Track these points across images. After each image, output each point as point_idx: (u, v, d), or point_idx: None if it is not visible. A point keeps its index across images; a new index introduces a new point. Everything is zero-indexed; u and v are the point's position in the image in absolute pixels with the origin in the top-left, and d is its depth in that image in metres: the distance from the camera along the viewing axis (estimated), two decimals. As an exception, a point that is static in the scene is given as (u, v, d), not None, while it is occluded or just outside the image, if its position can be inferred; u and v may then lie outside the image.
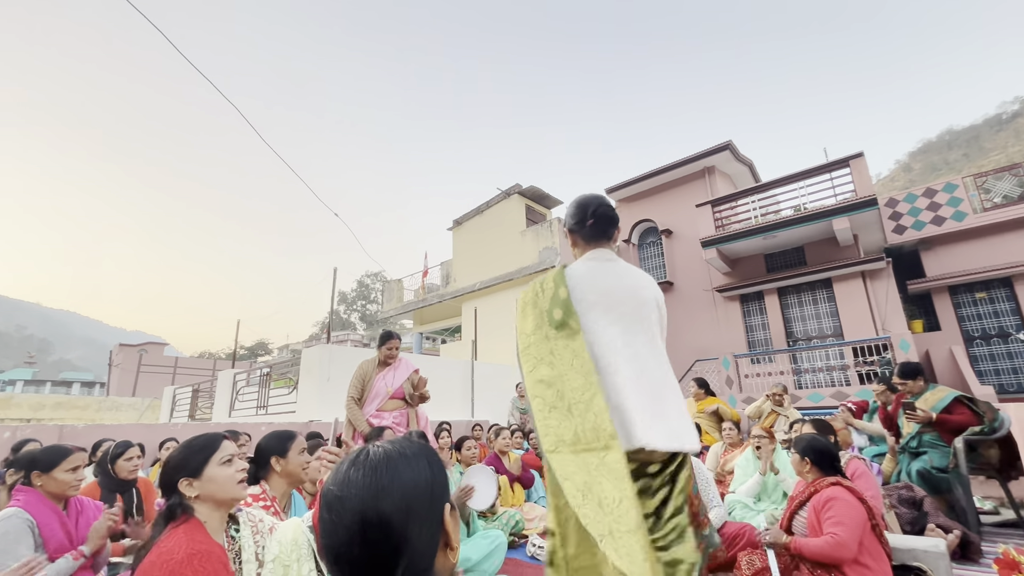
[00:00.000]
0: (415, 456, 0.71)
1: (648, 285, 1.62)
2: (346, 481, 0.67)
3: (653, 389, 1.45)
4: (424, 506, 0.67)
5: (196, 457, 1.34)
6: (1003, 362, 9.57)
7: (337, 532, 0.64)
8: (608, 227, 1.67)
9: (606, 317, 1.50)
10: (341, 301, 70.02)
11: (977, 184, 10.21)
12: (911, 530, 3.19)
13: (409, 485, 0.66)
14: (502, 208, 14.17)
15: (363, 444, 0.77)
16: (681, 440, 1.43)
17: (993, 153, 60.19)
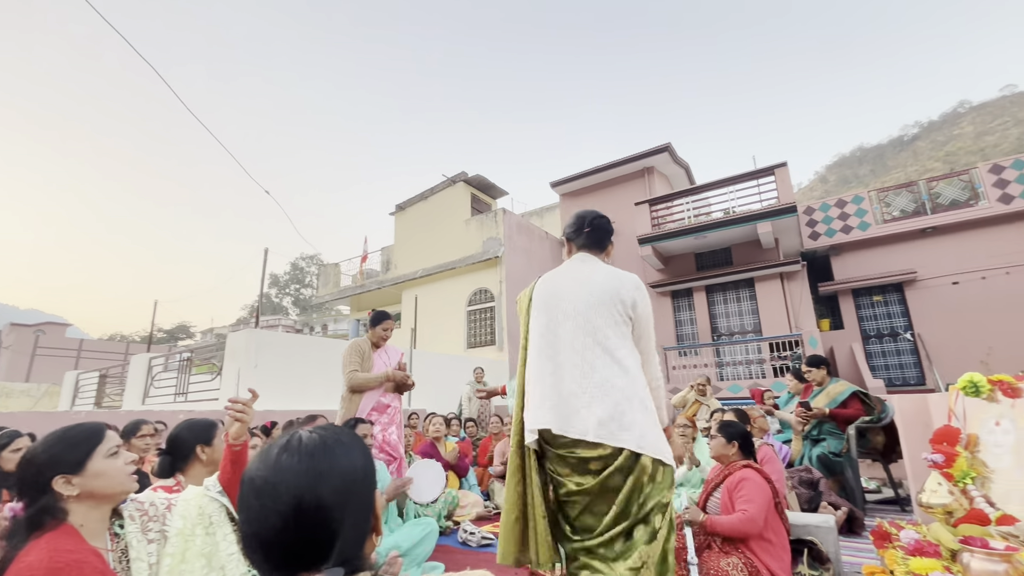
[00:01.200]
0: (350, 442, 0.71)
1: (616, 286, 1.61)
2: (279, 467, 0.65)
3: (559, 381, 1.51)
4: (360, 492, 0.67)
5: (77, 451, 1.18)
6: (892, 358, 10.75)
7: (268, 518, 0.62)
8: (601, 236, 1.78)
9: (547, 315, 1.62)
10: (273, 284, 66.47)
11: (880, 198, 11.30)
12: (808, 508, 3.53)
13: (347, 471, 0.66)
14: (447, 195, 14.00)
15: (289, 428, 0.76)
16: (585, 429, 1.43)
17: (895, 171, 66.76)
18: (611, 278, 1.62)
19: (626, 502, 1.40)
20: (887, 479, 4.76)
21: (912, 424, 3.85)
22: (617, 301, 1.57)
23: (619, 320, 1.56)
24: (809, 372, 4.71)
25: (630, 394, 1.47)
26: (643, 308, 1.61)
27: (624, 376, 1.49)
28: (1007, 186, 9.95)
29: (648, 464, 1.42)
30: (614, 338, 1.53)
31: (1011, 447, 1.59)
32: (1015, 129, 56.59)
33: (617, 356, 1.51)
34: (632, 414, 1.45)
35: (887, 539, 1.49)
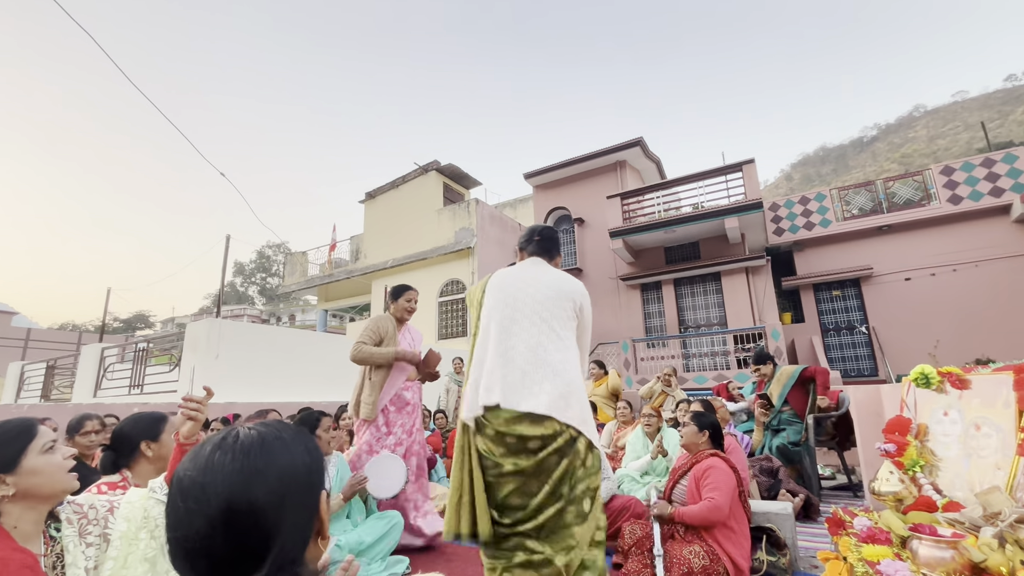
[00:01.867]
0: (293, 439, 0.66)
1: (567, 287, 1.76)
2: (209, 466, 0.60)
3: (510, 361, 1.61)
4: (301, 493, 0.63)
5: (8, 448, 1.11)
6: (848, 351, 11.21)
7: (193, 522, 0.57)
8: (550, 246, 1.95)
9: (502, 304, 1.73)
10: (238, 272, 64.47)
11: (840, 196, 11.71)
12: (767, 496, 3.64)
13: (286, 470, 0.62)
14: (419, 184, 13.78)
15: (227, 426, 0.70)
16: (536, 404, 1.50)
17: (855, 170, 69.46)
18: (562, 279, 1.79)
19: (558, 483, 1.46)
20: (841, 466, 4.97)
21: (865, 414, 4.01)
22: (567, 299, 1.71)
23: (569, 315, 1.70)
24: (757, 369, 4.94)
25: (575, 378, 1.59)
26: (587, 313, 1.79)
27: (571, 363, 1.62)
28: (956, 187, 10.45)
29: (582, 449, 1.51)
30: (564, 330, 1.66)
31: (958, 436, 1.65)
32: (965, 134, 59.57)
33: (567, 344, 1.64)
34: (577, 396, 1.56)
35: (841, 526, 1.53)
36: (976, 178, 10.32)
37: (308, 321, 44.66)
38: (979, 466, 1.53)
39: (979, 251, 10.22)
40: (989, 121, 43.48)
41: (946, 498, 1.52)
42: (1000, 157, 10.28)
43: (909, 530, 1.22)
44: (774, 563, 2.58)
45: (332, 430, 4.66)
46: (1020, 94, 65.04)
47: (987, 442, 1.55)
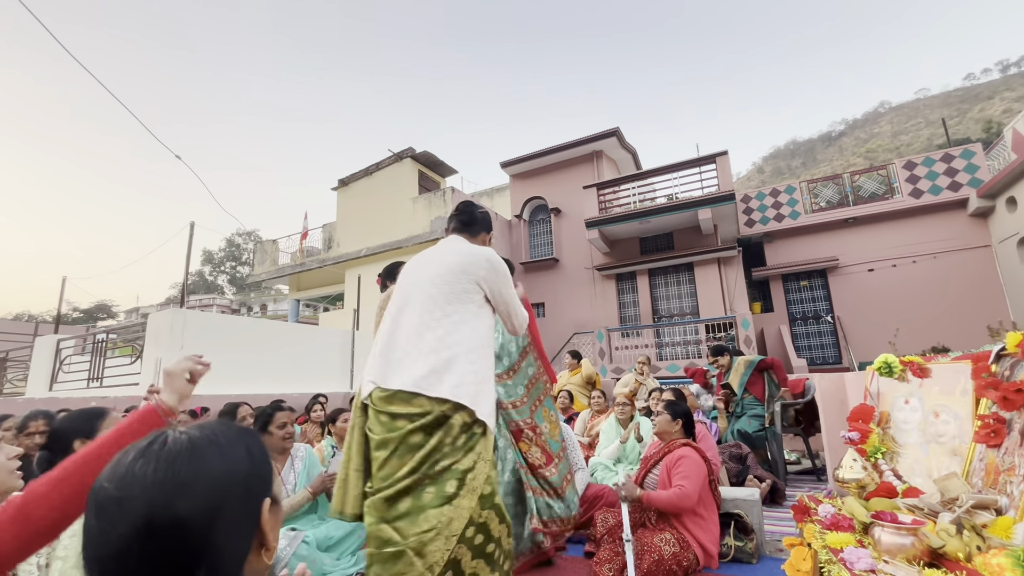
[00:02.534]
0: (230, 443, 0.60)
1: (466, 260, 1.72)
2: (129, 476, 0.53)
3: (394, 340, 1.62)
4: (237, 504, 0.56)
5: None
6: (814, 339, 11.57)
7: (109, 541, 0.51)
8: (468, 220, 1.95)
9: (396, 294, 1.76)
10: (207, 261, 62.53)
11: (809, 189, 11.99)
12: (736, 482, 3.73)
13: (219, 480, 0.55)
14: (393, 172, 13.52)
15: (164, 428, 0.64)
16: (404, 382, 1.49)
17: (823, 164, 71.38)
18: (463, 253, 1.74)
19: (422, 460, 1.42)
20: (806, 451, 5.13)
21: (830, 400, 4.14)
22: (462, 272, 1.68)
23: (464, 288, 1.66)
24: (715, 361, 5.07)
25: (457, 353, 1.54)
26: (495, 280, 1.72)
27: (456, 335, 1.57)
28: (918, 182, 10.82)
29: (456, 426, 1.46)
30: (455, 304, 1.63)
31: (917, 424, 1.69)
32: (926, 130, 61.78)
33: (454, 320, 1.60)
34: (457, 370, 1.51)
35: (806, 513, 1.56)
36: (936, 173, 10.70)
37: (280, 311, 43.73)
38: (937, 452, 1.58)
39: (937, 243, 10.63)
40: (949, 118, 45.19)
41: (906, 484, 1.56)
42: (958, 153, 10.67)
43: (871, 517, 1.25)
44: (741, 548, 2.64)
45: (300, 423, 4.55)
46: (978, 92, 67.74)
47: (945, 429, 1.60)
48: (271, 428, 2.70)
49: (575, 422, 5.03)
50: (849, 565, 1.11)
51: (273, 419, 2.71)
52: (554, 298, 13.00)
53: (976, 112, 56.98)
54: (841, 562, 1.14)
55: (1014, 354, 1.35)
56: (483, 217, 2.01)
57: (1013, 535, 1.11)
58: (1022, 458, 1.22)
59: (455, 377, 1.50)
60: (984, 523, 1.18)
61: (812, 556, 1.41)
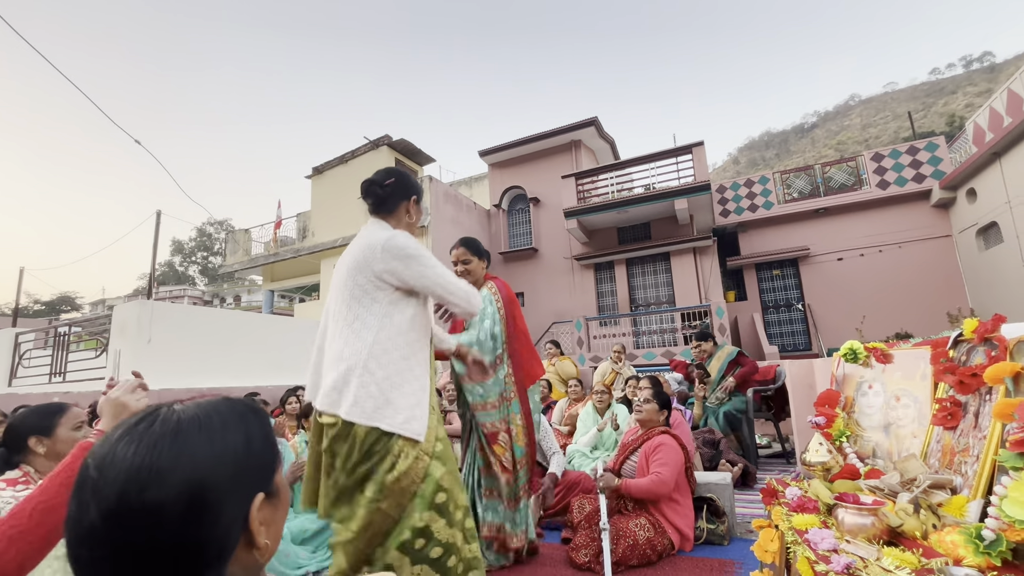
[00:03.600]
0: (225, 427, 0.54)
1: (366, 256, 1.57)
2: (109, 457, 0.49)
3: (322, 355, 1.61)
4: (220, 496, 0.51)
5: None
6: (786, 327, 11.89)
7: (81, 525, 0.47)
8: (375, 199, 1.75)
9: (331, 289, 1.69)
10: (177, 251, 60.65)
11: (782, 180, 12.23)
12: (709, 466, 3.82)
13: (202, 468, 0.50)
14: (369, 160, 13.27)
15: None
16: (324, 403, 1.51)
17: (796, 155, 72.88)
18: (363, 245, 1.60)
19: (341, 468, 1.45)
20: (777, 435, 5.28)
21: (799, 386, 4.27)
22: (366, 270, 1.55)
23: (368, 287, 1.55)
24: (698, 347, 5.17)
25: (355, 363, 1.48)
26: (400, 269, 1.56)
27: (355, 344, 1.50)
28: (885, 173, 11.13)
29: (361, 433, 1.43)
30: (357, 308, 1.54)
31: (880, 408, 1.75)
32: (894, 123, 63.54)
33: (356, 328, 1.52)
34: (353, 382, 1.46)
35: (774, 496, 1.60)
36: (902, 165, 11.03)
37: (255, 302, 42.79)
38: (898, 435, 1.63)
39: (902, 233, 10.99)
40: (915, 112, 46.53)
41: (869, 465, 1.61)
42: (923, 146, 11.01)
43: (835, 499, 1.28)
44: (713, 530, 2.71)
45: (274, 416, 4.48)
46: (942, 87, 69.88)
47: (905, 412, 1.65)
48: None
49: (553, 411, 5.07)
50: (813, 546, 1.14)
51: (285, 403, 2.68)
52: (533, 288, 13.03)
53: (940, 106, 58.83)
54: (806, 543, 1.17)
55: (970, 340, 1.40)
56: (395, 187, 1.75)
57: (966, 513, 1.16)
58: (976, 440, 1.27)
59: (351, 394, 1.45)
60: (940, 502, 1.23)
61: (779, 537, 1.45)
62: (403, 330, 1.56)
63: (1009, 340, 1.23)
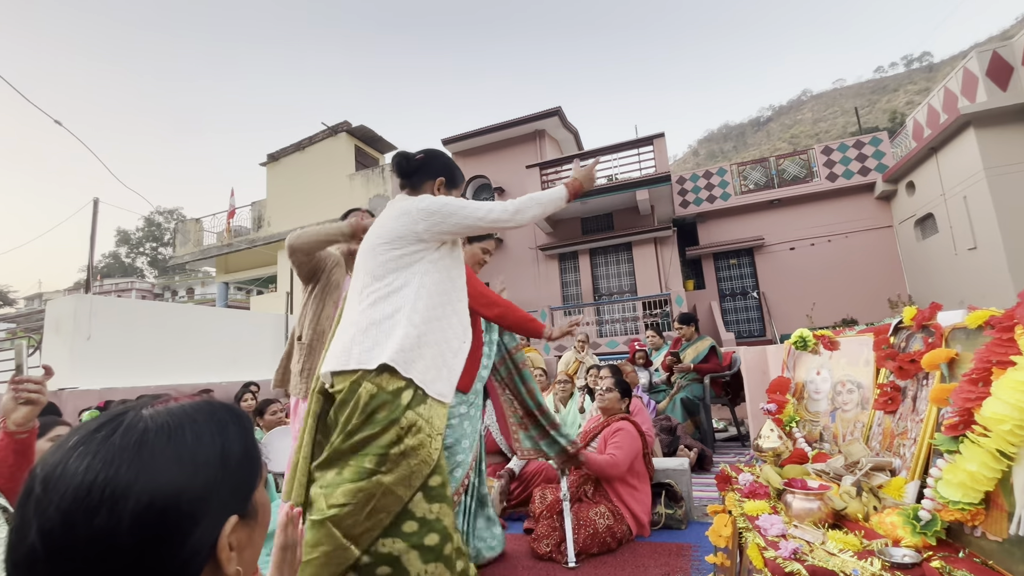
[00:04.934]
0: (199, 441, 0.47)
1: (396, 223, 1.53)
2: (58, 470, 0.42)
3: (342, 329, 1.51)
4: (187, 521, 0.44)
5: None
6: (742, 314, 12.32)
7: (18, 546, 0.41)
8: (402, 173, 1.73)
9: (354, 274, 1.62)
10: (122, 242, 57.34)
11: (739, 171, 12.60)
12: (668, 452, 3.91)
13: (168, 487, 0.44)
14: (328, 147, 12.86)
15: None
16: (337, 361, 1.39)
17: (752, 148, 75.33)
18: (397, 215, 1.55)
19: (337, 434, 1.33)
20: (732, 419, 5.47)
21: (753, 372, 4.41)
22: (401, 233, 1.51)
23: (399, 252, 1.50)
24: (679, 328, 5.28)
25: (381, 319, 1.40)
26: (436, 219, 1.52)
27: (385, 306, 1.43)
28: (833, 166, 11.63)
29: (364, 395, 1.30)
30: (387, 275, 1.48)
31: (827, 393, 1.81)
32: (842, 118, 66.49)
33: (387, 290, 1.46)
34: (375, 335, 1.38)
35: (728, 482, 1.64)
36: (849, 158, 11.55)
37: (209, 295, 41.05)
38: (843, 419, 1.70)
39: (849, 223, 11.54)
40: (861, 108, 48.81)
41: (816, 449, 1.67)
42: (868, 140, 11.55)
43: (784, 484, 1.31)
44: (671, 515, 2.78)
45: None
46: (886, 84, 73.57)
47: (850, 397, 1.72)
48: None
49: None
50: (763, 532, 1.16)
51: (268, 409, 2.52)
52: (498, 278, 13.00)
53: (884, 103, 61.96)
54: (756, 529, 1.20)
55: (910, 327, 1.46)
56: (424, 162, 1.72)
57: (904, 494, 1.21)
58: (914, 423, 1.32)
59: (370, 340, 1.35)
60: (880, 484, 1.28)
61: (732, 522, 1.48)
62: (437, 288, 1.51)
63: (945, 328, 1.29)
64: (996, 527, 0.96)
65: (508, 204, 1.61)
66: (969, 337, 1.19)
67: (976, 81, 8.17)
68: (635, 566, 2.30)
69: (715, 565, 1.72)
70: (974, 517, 1.00)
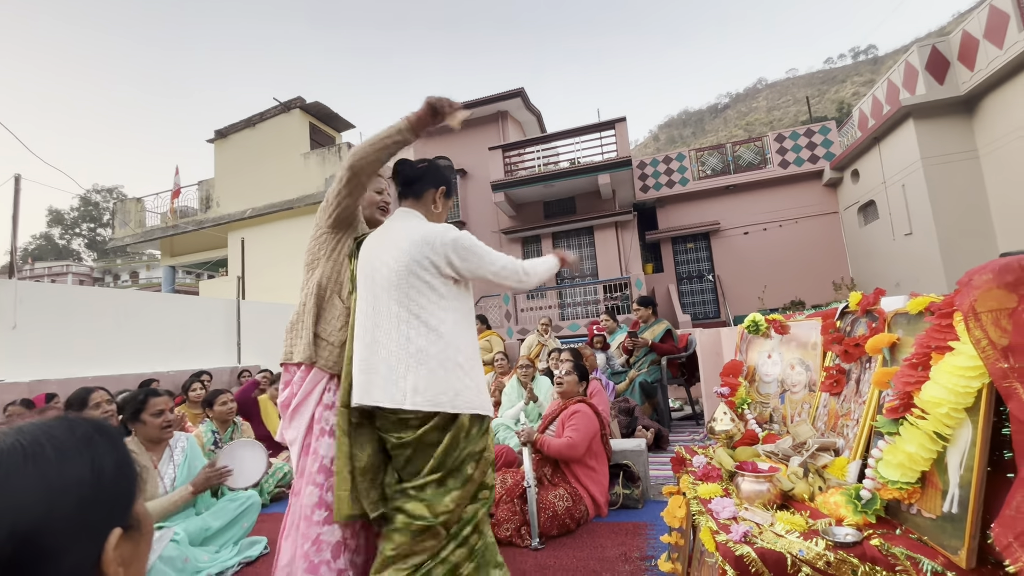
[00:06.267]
0: (63, 457, 0.44)
1: (424, 251, 1.52)
2: None
3: (375, 353, 1.53)
4: (61, 541, 0.41)
5: None
6: (698, 296, 12.72)
7: None
8: (410, 182, 1.71)
9: (366, 284, 1.60)
10: (55, 222, 53.32)
11: (697, 157, 12.86)
12: (626, 433, 4.00)
13: (34, 508, 0.41)
14: (280, 123, 12.26)
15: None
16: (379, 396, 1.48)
17: (710, 134, 77.11)
18: (419, 242, 1.54)
19: (444, 456, 1.48)
20: (688, 399, 5.66)
21: (708, 353, 4.57)
22: (428, 266, 1.53)
23: (433, 284, 1.53)
24: (638, 310, 5.38)
25: (444, 359, 1.50)
26: (460, 262, 1.56)
27: (438, 342, 1.50)
28: (785, 153, 12.05)
29: (466, 422, 1.51)
30: (427, 305, 1.52)
31: (777, 376, 1.87)
32: (794, 107, 68.85)
33: (432, 324, 1.51)
34: (448, 378, 1.49)
35: (683, 464, 1.67)
36: (800, 146, 11.98)
37: (155, 279, 38.90)
38: (792, 401, 1.75)
39: (799, 209, 12.02)
40: (812, 97, 50.69)
41: (766, 431, 1.72)
42: (817, 129, 12.01)
43: (736, 467, 1.34)
44: (629, 495, 2.84)
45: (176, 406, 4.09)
46: (835, 75, 76.56)
47: (799, 379, 1.77)
48: (144, 417, 2.35)
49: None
50: (715, 515, 1.18)
51: (147, 406, 2.35)
52: (460, 262, 12.88)
53: (832, 93, 64.51)
54: (709, 512, 1.22)
55: (855, 312, 1.51)
56: (426, 170, 1.73)
57: (847, 474, 1.25)
58: (857, 405, 1.37)
59: (452, 390, 1.49)
60: (825, 464, 1.33)
61: (686, 504, 1.50)
62: (470, 321, 1.63)
63: (888, 313, 1.33)
64: (930, 504, 1.01)
65: (519, 265, 1.68)
66: (910, 322, 1.23)
67: (916, 74, 8.58)
68: (593, 546, 2.34)
69: (669, 544, 1.77)
70: (911, 496, 1.04)
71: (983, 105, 8.20)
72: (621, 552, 2.24)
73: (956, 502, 0.95)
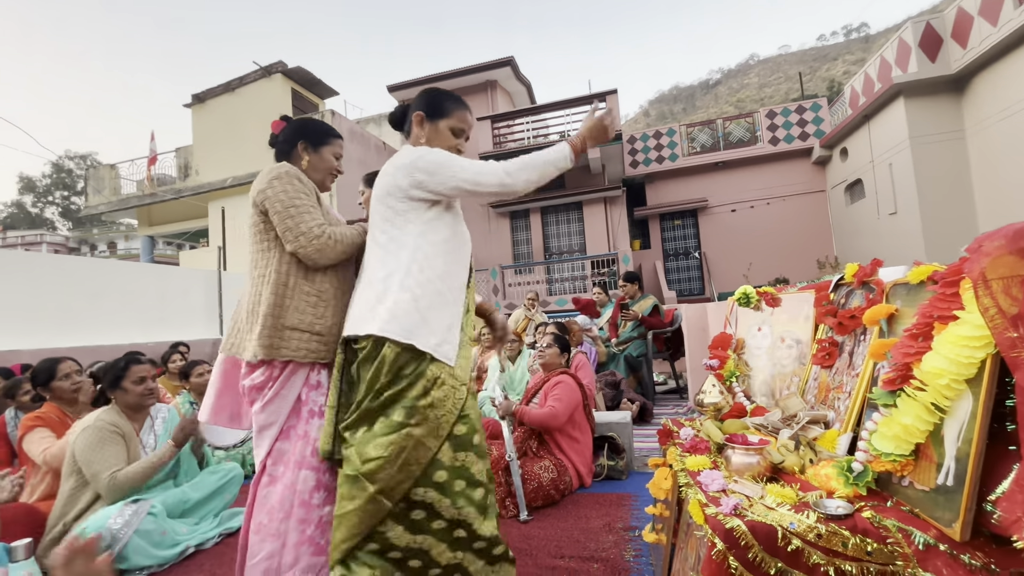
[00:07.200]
0: None
1: (392, 178, 1.46)
2: None
3: (360, 284, 1.51)
4: None
5: None
6: (684, 273, 12.77)
7: None
8: (393, 127, 1.71)
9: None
10: (27, 189, 51.40)
11: (687, 133, 12.73)
12: (611, 406, 4.02)
13: None
14: (261, 88, 11.80)
15: None
16: (354, 327, 1.43)
17: (701, 110, 76.50)
18: (391, 171, 1.49)
19: (366, 391, 1.36)
20: (672, 373, 5.71)
21: (693, 328, 4.58)
22: (394, 190, 1.46)
23: (397, 208, 1.46)
24: (624, 287, 5.35)
25: (391, 283, 1.40)
26: (427, 177, 1.44)
27: (390, 265, 1.43)
28: (776, 130, 11.97)
29: (390, 354, 1.33)
30: (389, 230, 1.46)
31: (767, 349, 1.85)
32: (786, 84, 68.40)
33: (390, 248, 1.45)
34: (384, 301, 1.39)
35: (670, 436, 1.64)
36: (791, 123, 11.90)
37: (134, 250, 37.98)
38: (781, 374, 1.73)
39: (787, 187, 12.03)
40: (804, 75, 50.33)
41: (755, 403, 1.70)
42: (809, 106, 11.91)
43: (725, 440, 1.31)
44: (613, 466, 2.85)
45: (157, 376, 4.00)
46: (827, 53, 76.03)
47: (788, 352, 1.75)
48: (125, 384, 2.29)
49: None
50: (704, 488, 1.16)
51: (128, 373, 2.28)
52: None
53: (824, 71, 64.16)
54: (698, 484, 1.19)
55: (850, 284, 1.47)
56: (405, 109, 1.64)
57: (837, 446, 1.23)
58: (849, 377, 1.35)
59: (385, 311, 1.36)
60: (815, 437, 1.31)
61: (673, 476, 1.48)
62: (439, 252, 1.47)
63: (886, 283, 1.29)
64: (924, 476, 0.99)
65: (498, 167, 1.49)
66: (910, 293, 1.20)
67: (909, 51, 8.50)
68: (577, 516, 2.35)
69: (654, 515, 1.76)
70: (904, 468, 1.02)
71: (973, 84, 8.18)
72: (605, 523, 2.25)
73: (951, 474, 0.93)
